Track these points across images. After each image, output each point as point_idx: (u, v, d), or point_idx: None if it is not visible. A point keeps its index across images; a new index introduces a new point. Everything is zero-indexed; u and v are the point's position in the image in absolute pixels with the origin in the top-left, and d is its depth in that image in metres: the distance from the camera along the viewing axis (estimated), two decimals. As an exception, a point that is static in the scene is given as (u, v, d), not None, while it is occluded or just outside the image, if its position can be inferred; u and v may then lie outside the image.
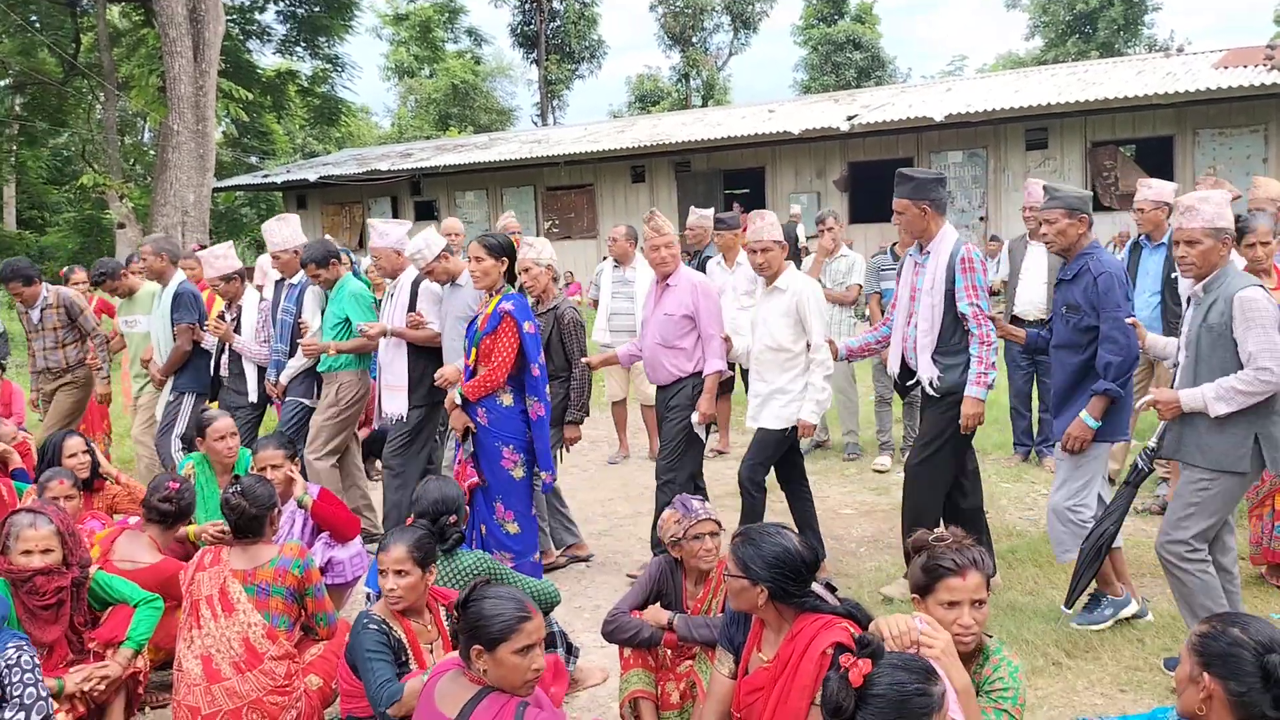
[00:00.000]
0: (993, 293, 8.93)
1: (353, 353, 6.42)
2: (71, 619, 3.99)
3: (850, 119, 18.86)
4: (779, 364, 5.49)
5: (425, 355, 6.22)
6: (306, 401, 6.60)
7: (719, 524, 3.96)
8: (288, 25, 30.07)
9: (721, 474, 7.58)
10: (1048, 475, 7.40)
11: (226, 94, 23.50)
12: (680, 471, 5.73)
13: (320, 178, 24.39)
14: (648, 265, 8.38)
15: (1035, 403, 7.84)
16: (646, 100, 43.84)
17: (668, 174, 21.74)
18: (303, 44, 30.61)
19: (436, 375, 5.86)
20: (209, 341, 7.10)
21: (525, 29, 42.03)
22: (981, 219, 18.58)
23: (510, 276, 5.59)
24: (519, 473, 5.46)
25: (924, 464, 5.16)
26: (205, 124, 19.68)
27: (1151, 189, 6.41)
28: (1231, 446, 4.04)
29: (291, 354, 6.66)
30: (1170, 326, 6.13)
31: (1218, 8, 78.66)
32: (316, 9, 29.40)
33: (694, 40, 43.88)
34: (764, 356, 5.55)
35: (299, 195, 26.03)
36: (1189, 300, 4.31)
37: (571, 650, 4.37)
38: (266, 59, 31.85)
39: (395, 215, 24.17)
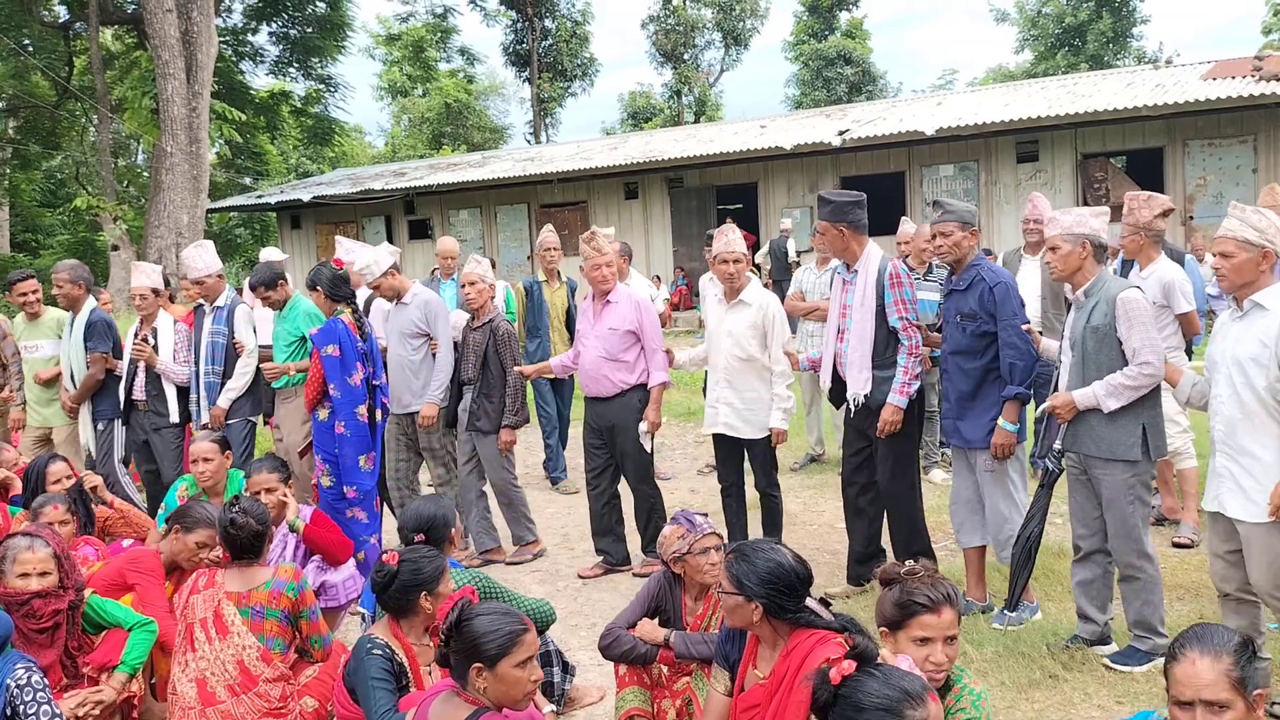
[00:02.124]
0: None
1: None
2: (66, 643, 3.98)
3: (842, 134, 18.94)
4: (754, 372, 5.85)
5: None
6: (252, 419, 6.84)
7: (722, 538, 3.97)
8: (280, 47, 30.20)
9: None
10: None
11: (220, 115, 23.56)
12: (649, 477, 6.24)
13: (314, 198, 24.39)
14: (641, 281, 8.44)
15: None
16: (639, 117, 43.97)
17: (661, 190, 21.79)
18: (296, 65, 30.73)
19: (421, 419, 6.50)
20: (121, 366, 7.10)
21: (517, 48, 42.14)
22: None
23: (339, 299, 6.05)
24: (325, 481, 5.97)
25: (895, 480, 5.38)
26: (199, 145, 19.73)
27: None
28: (1123, 436, 4.38)
29: (226, 376, 6.77)
30: None
31: (1205, 20, 79.24)
32: (309, 30, 29.54)
33: (685, 57, 44.02)
34: (735, 365, 5.88)
35: (293, 215, 26.03)
36: (1069, 305, 4.67)
37: (568, 669, 4.36)
38: (259, 80, 32.01)
39: (389, 234, 24.18)
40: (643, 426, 6.08)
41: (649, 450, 6.22)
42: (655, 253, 20.96)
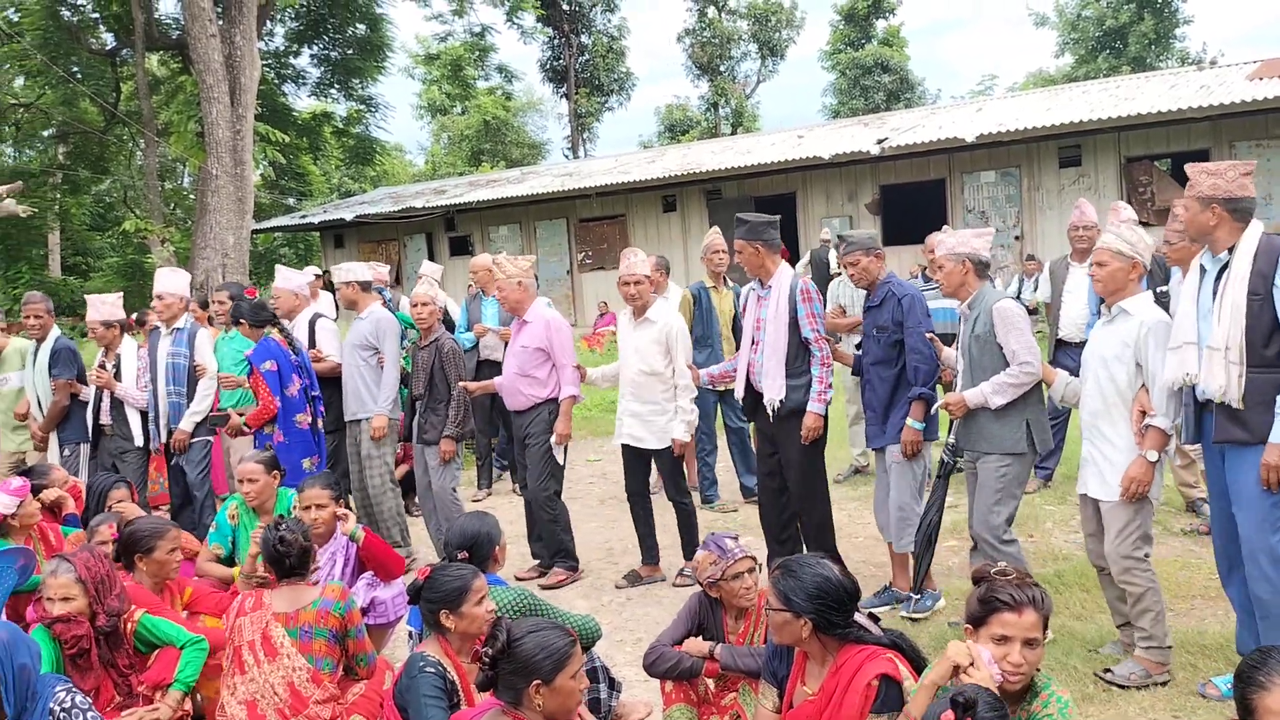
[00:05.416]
0: (1031, 312, 8.81)
1: None
2: (115, 662, 4.02)
3: (880, 142, 18.83)
4: (657, 386, 6.24)
5: (327, 384, 7.04)
6: (210, 438, 7.10)
7: (755, 559, 3.93)
8: (322, 68, 30.55)
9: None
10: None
11: (263, 137, 23.88)
12: (551, 486, 6.50)
13: (356, 217, 24.67)
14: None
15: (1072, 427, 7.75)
16: (676, 130, 44.00)
17: (699, 202, 21.80)
18: (337, 86, 31.06)
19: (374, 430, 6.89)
20: (87, 393, 7.30)
21: (555, 64, 42.42)
22: (1017, 238, 18.45)
23: (262, 324, 6.86)
24: None
25: (806, 482, 5.67)
26: (243, 167, 20.01)
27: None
28: (1009, 431, 4.86)
29: (188, 397, 7.00)
30: None
31: (1249, 19, 77.97)
32: (350, 52, 29.86)
33: (722, 69, 44.05)
34: (640, 380, 6.28)
35: (336, 234, 26.34)
36: (962, 317, 5.12)
37: (614, 685, 4.34)
38: (302, 102, 32.40)
39: (431, 251, 24.39)
40: (552, 439, 6.38)
41: (560, 461, 6.51)
42: (694, 264, 20.91)
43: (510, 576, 6.38)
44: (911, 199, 19.25)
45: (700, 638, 3.95)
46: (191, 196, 29.35)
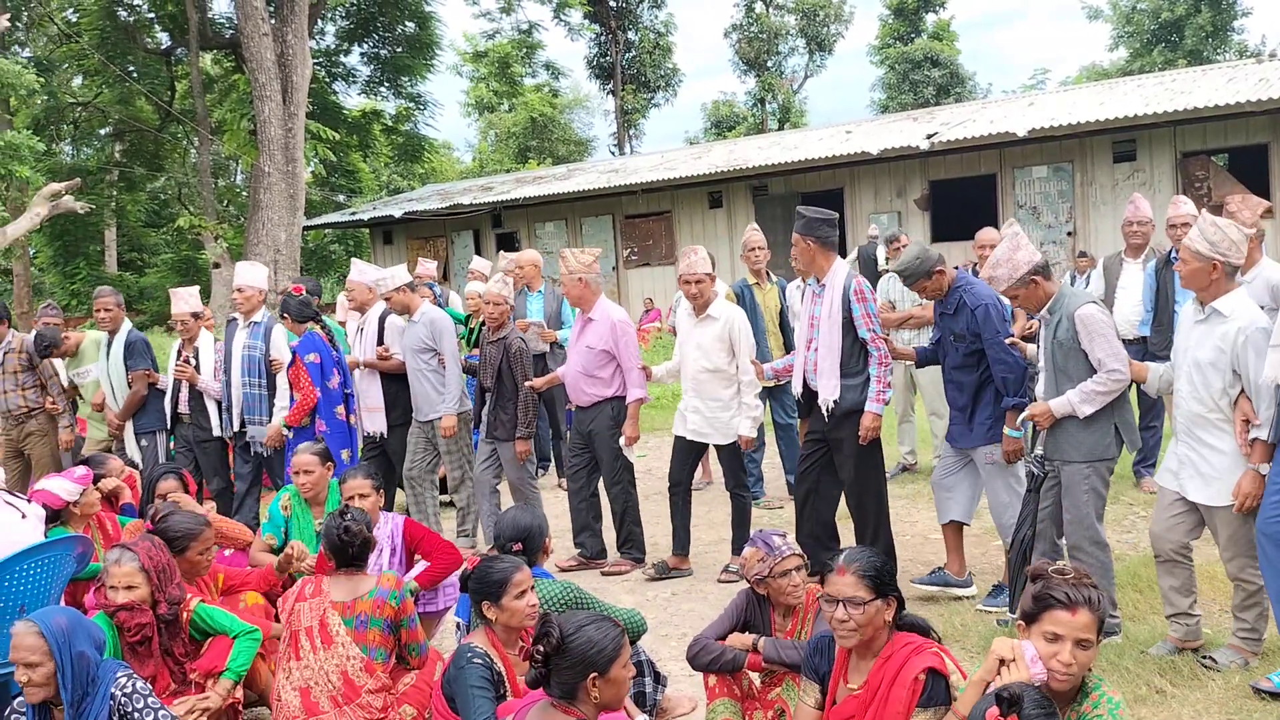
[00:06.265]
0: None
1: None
2: (171, 650, 4.10)
3: (930, 137, 18.63)
4: (720, 382, 6.27)
5: (396, 380, 7.32)
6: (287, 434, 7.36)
7: (803, 557, 3.92)
8: (372, 67, 30.80)
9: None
10: (1147, 496, 7.20)
11: (314, 135, 24.12)
12: (625, 478, 6.65)
13: (405, 213, 24.87)
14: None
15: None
16: (722, 125, 43.85)
17: (745, 198, 21.72)
18: (386, 84, 31.31)
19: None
20: (164, 382, 7.57)
21: (601, 60, 42.45)
22: (1069, 234, 18.19)
23: (305, 320, 7.13)
24: None
25: (864, 478, 5.69)
26: (295, 165, 20.24)
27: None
28: (1099, 438, 4.74)
29: (267, 390, 7.30)
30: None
31: (1312, 9, 76.07)
32: (399, 50, 30.08)
33: (769, 64, 43.83)
34: (702, 377, 6.31)
35: (385, 231, 26.58)
36: (1042, 321, 4.99)
37: (660, 679, 4.35)
38: (352, 100, 32.67)
39: (478, 247, 24.55)
40: (621, 441, 6.51)
41: (631, 460, 6.66)
42: (740, 260, 20.84)
43: (553, 568, 6.45)
44: (962, 194, 19.03)
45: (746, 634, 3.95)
46: (244, 193, 29.74)
